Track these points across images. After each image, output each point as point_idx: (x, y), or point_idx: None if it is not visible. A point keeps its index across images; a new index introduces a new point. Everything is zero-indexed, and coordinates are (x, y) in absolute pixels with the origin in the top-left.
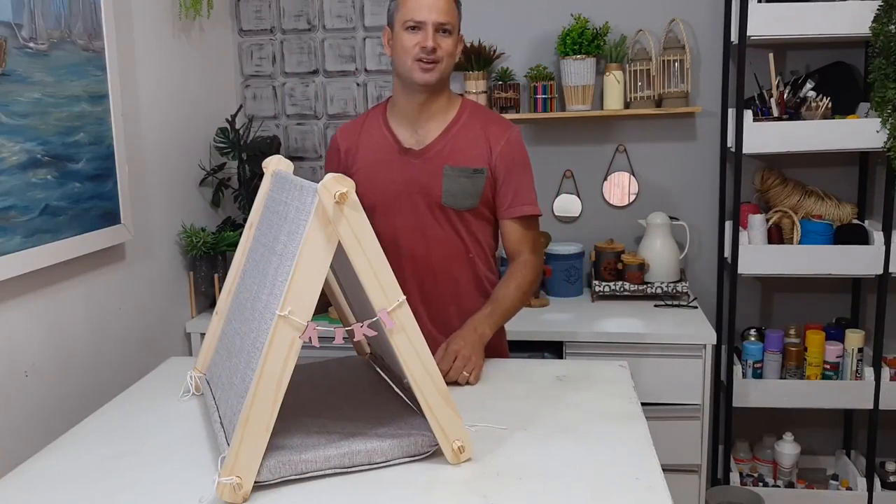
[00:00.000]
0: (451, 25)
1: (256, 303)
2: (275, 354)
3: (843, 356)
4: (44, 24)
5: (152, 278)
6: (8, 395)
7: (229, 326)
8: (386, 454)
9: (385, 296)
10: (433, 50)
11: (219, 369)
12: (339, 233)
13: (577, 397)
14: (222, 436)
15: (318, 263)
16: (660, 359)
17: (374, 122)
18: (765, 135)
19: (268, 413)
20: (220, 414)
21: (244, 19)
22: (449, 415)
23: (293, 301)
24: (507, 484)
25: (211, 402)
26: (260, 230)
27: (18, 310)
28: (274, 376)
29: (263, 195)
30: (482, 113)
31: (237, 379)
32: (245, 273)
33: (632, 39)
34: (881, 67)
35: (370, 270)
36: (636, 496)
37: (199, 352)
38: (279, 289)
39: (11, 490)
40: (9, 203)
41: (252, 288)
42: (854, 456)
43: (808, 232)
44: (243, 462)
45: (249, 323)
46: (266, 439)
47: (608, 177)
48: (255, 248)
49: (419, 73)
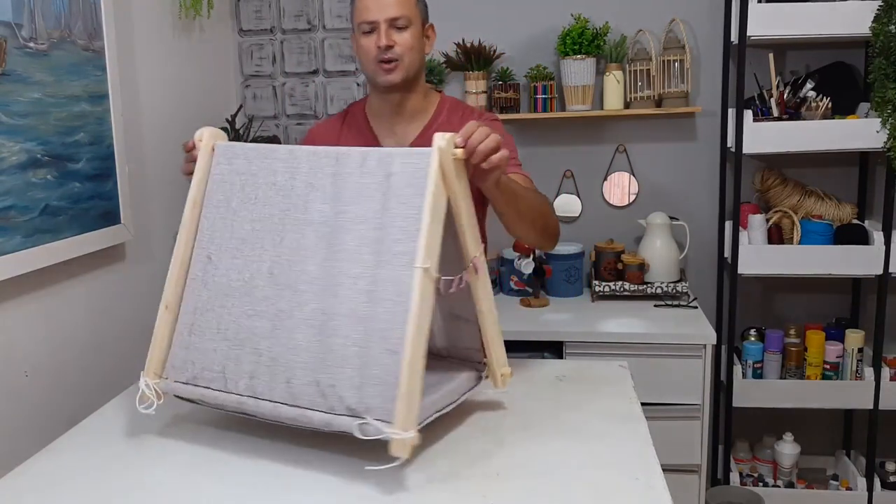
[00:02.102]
0: (405, 19)
1: (292, 276)
2: (423, 304)
3: (843, 356)
4: (44, 23)
5: (152, 278)
6: (8, 395)
7: (211, 314)
8: (464, 389)
9: (475, 244)
10: (388, 47)
11: (220, 361)
12: (455, 187)
13: (577, 397)
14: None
15: (440, 218)
16: (660, 359)
17: (353, 124)
18: (765, 135)
19: (421, 364)
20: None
21: (244, 19)
22: (501, 347)
23: (429, 254)
24: (507, 484)
25: (220, 395)
26: (232, 205)
27: (18, 310)
28: (423, 327)
29: (206, 169)
30: (461, 108)
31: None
32: (213, 256)
33: (632, 39)
34: (881, 67)
35: (469, 220)
36: (636, 496)
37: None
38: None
39: (11, 490)
40: (9, 203)
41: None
42: (854, 456)
43: (808, 232)
44: (410, 414)
45: (290, 298)
46: (420, 390)
47: (608, 177)
48: (230, 226)
49: (382, 74)
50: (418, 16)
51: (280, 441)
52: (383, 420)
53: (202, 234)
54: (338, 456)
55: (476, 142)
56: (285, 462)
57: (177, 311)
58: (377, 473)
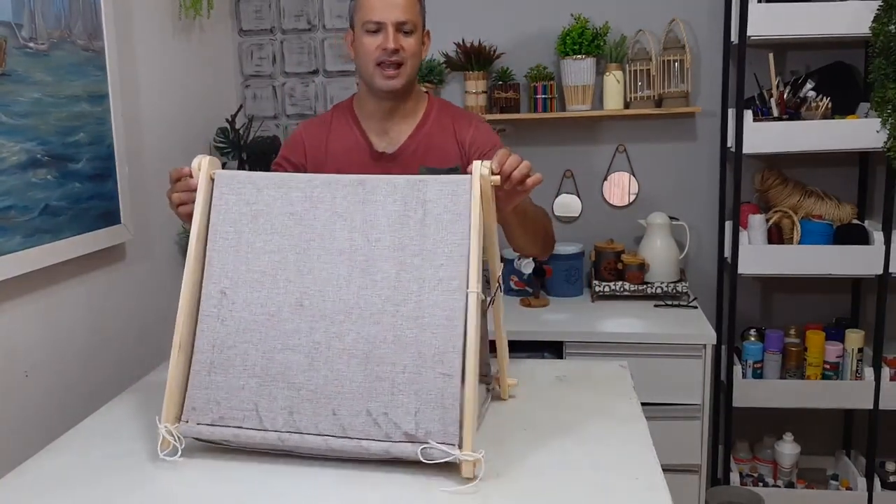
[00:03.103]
0: (412, 24)
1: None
2: (473, 327)
3: (843, 356)
4: (44, 24)
5: (152, 278)
6: (8, 395)
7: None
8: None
9: (498, 263)
10: (395, 51)
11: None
12: (490, 212)
13: (577, 397)
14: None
15: (479, 242)
16: (660, 359)
17: (342, 124)
18: (765, 135)
19: (476, 378)
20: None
21: (244, 19)
22: (506, 358)
23: (474, 278)
24: (507, 484)
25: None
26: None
27: (18, 310)
28: (473, 348)
29: (206, 200)
30: (450, 110)
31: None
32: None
33: (632, 39)
34: (881, 67)
35: (494, 241)
36: (636, 496)
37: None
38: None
39: (11, 490)
40: (9, 203)
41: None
42: (854, 456)
43: (808, 232)
44: (472, 437)
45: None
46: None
47: (608, 177)
48: (241, 258)
49: (383, 79)
50: (421, 21)
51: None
52: (447, 443)
53: (211, 268)
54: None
55: (510, 168)
56: (286, 462)
57: (190, 352)
58: (376, 473)
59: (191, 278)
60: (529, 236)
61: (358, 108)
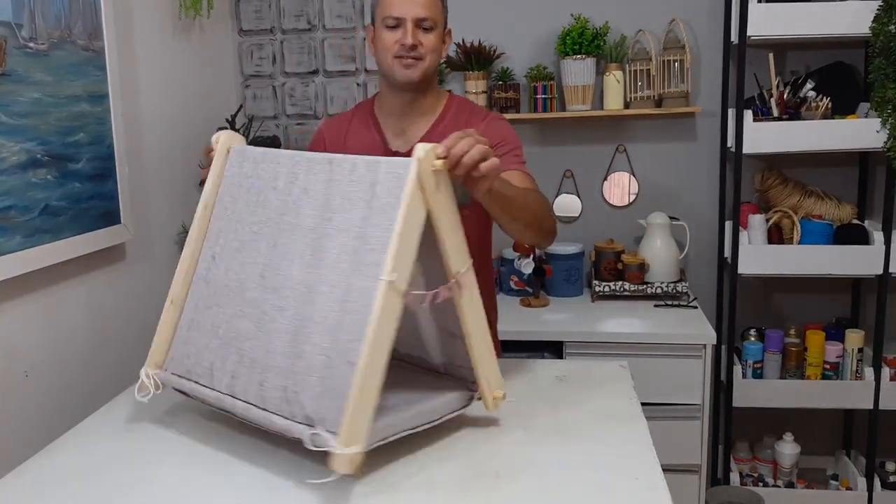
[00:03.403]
0: (432, 21)
1: (278, 280)
2: (384, 320)
3: (843, 356)
4: (44, 24)
5: (152, 278)
6: (8, 395)
7: (209, 313)
8: (444, 410)
9: (461, 259)
10: (413, 47)
11: (209, 358)
12: (434, 200)
13: (577, 397)
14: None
15: (415, 230)
16: (660, 359)
17: (362, 122)
18: (765, 135)
19: (378, 380)
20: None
21: (244, 19)
22: (493, 367)
23: (397, 268)
24: (507, 484)
25: (209, 392)
26: (237, 208)
27: (18, 310)
28: (384, 342)
29: (220, 172)
30: (468, 108)
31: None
32: (217, 256)
33: (632, 39)
34: (881, 67)
35: (452, 234)
36: (636, 496)
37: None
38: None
39: (12, 490)
40: (9, 203)
41: (252, 268)
42: (854, 456)
43: (808, 232)
44: (358, 431)
45: (273, 301)
46: (374, 407)
47: (608, 177)
48: (234, 228)
49: (401, 69)
50: (442, 19)
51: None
52: (333, 432)
53: (211, 233)
54: None
55: (460, 152)
56: (286, 462)
57: (182, 307)
58: (381, 473)
59: (192, 240)
60: (518, 224)
61: (378, 106)
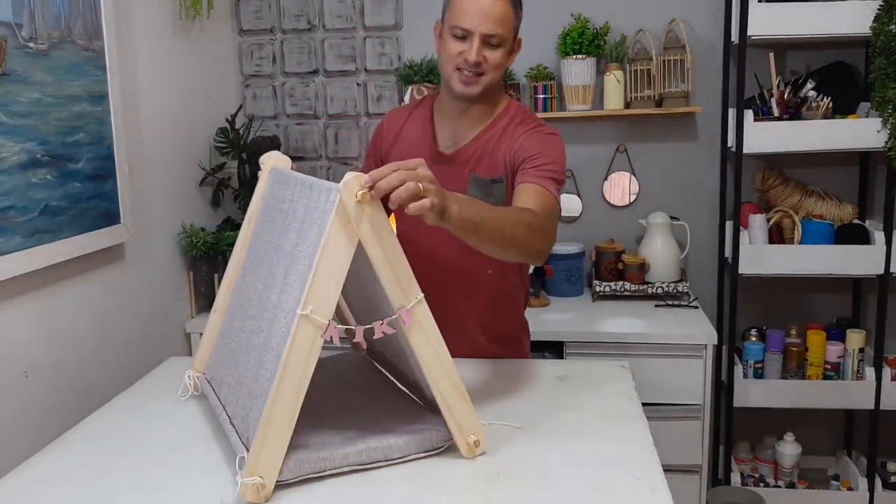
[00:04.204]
0: (500, 38)
1: (265, 301)
2: (297, 353)
3: (844, 356)
4: (44, 24)
5: (152, 278)
6: (8, 395)
7: (231, 324)
8: (402, 450)
9: (404, 294)
10: (477, 64)
11: (222, 368)
12: (361, 232)
13: (577, 397)
14: (235, 436)
15: (339, 262)
16: (660, 359)
17: (421, 115)
18: (765, 135)
19: (289, 413)
20: (228, 413)
21: (244, 19)
22: (464, 409)
23: (315, 300)
24: (508, 484)
25: (215, 401)
26: (260, 226)
27: (18, 310)
28: (295, 376)
29: (262, 190)
30: (518, 116)
31: (247, 378)
32: (246, 270)
33: (632, 39)
34: (881, 67)
35: (389, 268)
36: (637, 496)
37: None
38: (293, 287)
39: (11, 490)
40: (9, 203)
41: (256, 286)
42: (855, 456)
43: (808, 232)
44: (265, 462)
45: (257, 321)
46: (287, 439)
47: (608, 177)
48: (256, 245)
49: (459, 84)
50: (511, 33)
51: None
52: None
53: (248, 250)
54: None
55: (386, 185)
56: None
57: (223, 314)
58: (377, 473)
59: (235, 253)
60: (490, 246)
61: (437, 103)
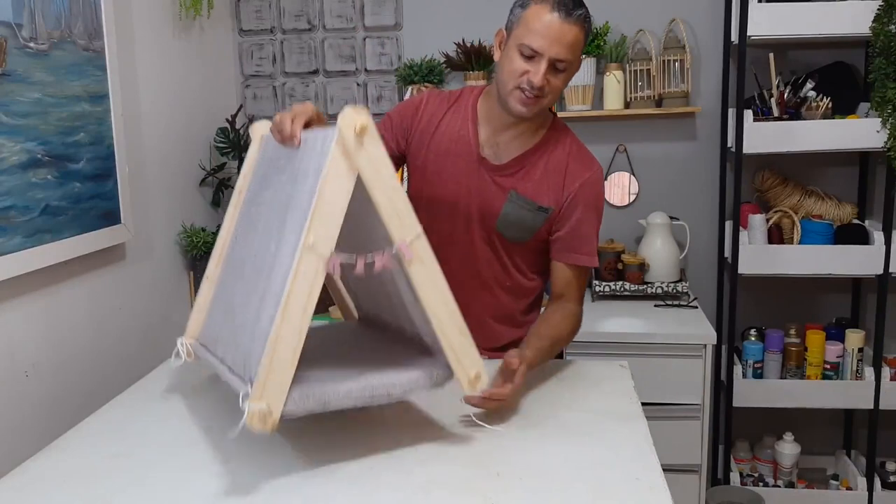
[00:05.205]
0: (568, 63)
1: (262, 258)
2: (301, 283)
3: (843, 356)
4: (44, 24)
5: (152, 278)
6: (8, 395)
7: (224, 289)
8: (403, 386)
9: (403, 227)
10: (540, 88)
11: (217, 328)
12: (359, 164)
13: (577, 397)
14: (237, 381)
15: (340, 194)
16: (660, 359)
17: (462, 111)
18: (765, 135)
19: (295, 339)
20: (227, 365)
21: (244, 19)
22: (465, 345)
23: (317, 231)
24: (507, 484)
25: (212, 359)
26: (253, 191)
27: (18, 310)
28: (300, 302)
29: (253, 158)
30: (569, 142)
31: (247, 327)
32: (238, 236)
33: (632, 39)
34: (881, 67)
35: (388, 202)
36: (637, 496)
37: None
38: (291, 234)
39: (11, 490)
40: (9, 203)
41: (251, 247)
42: (854, 456)
43: (808, 232)
44: (271, 389)
45: (255, 277)
46: (293, 366)
47: (608, 177)
48: (248, 211)
49: (516, 103)
50: (578, 60)
51: (283, 443)
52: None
53: (237, 215)
54: (343, 458)
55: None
56: (287, 464)
57: (215, 283)
58: (377, 474)
59: (226, 224)
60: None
61: (482, 103)
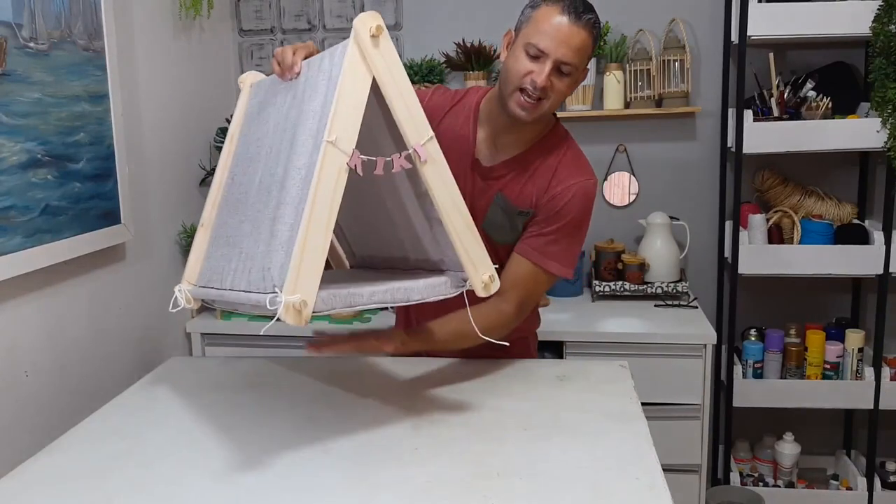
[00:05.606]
0: (572, 67)
1: (268, 182)
2: (326, 178)
3: (843, 356)
4: (44, 24)
5: (152, 278)
6: (7, 394)
7: (224, 228)
8: (421, 293)
9: (417, 130)
10: (542, 89)
11: (221, 262)
12: (375, 64)
13: (577, 397)
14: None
15: (359, 91)
16: (660, 359)
17: (464, 109)
18: (765, 135)
19: (323, 235)
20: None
21: (244, 19)
22: (477, 248)
23: (338, 127)
24: (507, 484)
25: (219, 292)
26: (248, 132)
27: (18, 310)
28: (326, 199)
29: (243, 106)
30: (565, 147)
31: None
32: (234, 177)
33: (632, 39)
34: (881, 67)
35: (403, 104)
36: (637, 496)
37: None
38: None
39: (11, 490)
40: (9, 203)
41: (253, 178)
42: (854, 456)
43: (808, 232)
44: (304, 283)
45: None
46: (322, 264)
47: (608, 177)
48: (244, 152)
49: (516, 105)
50: (584, 65)
51: (283, 445)
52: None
53: (231, 158)
54: (343, 459)
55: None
56: (287, 464)
57: (210, 229)
58: (377, 474)
59: (219, 170)
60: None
61: (485, 105)
